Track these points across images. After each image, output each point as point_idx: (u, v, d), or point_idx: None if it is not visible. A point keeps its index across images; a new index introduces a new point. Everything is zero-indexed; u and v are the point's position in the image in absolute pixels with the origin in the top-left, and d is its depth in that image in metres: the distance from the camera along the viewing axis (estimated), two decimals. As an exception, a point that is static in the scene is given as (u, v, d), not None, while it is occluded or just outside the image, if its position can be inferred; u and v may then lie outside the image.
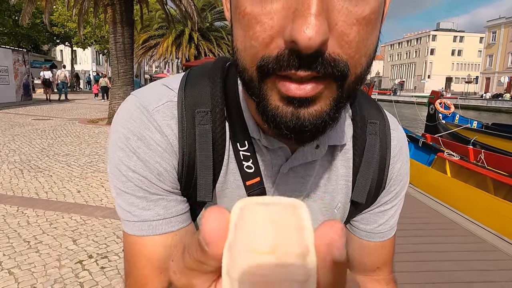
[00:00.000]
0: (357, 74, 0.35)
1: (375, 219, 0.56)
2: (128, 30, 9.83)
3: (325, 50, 0.31)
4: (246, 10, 0.33)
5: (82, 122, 9.83)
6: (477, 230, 3.21)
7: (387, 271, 0.60)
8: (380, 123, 0.52)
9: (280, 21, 0.31)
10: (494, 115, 29.06)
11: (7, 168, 4.79)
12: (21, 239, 2.73)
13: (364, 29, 0.32)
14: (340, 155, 0.51)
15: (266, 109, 0.35)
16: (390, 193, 0.56)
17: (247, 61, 0.35)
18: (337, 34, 0.32)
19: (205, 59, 18.57)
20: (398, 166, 0.55)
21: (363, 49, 0.34)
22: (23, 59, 14.57)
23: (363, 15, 0.32)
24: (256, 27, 0.32)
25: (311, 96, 0.33)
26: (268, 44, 0.32)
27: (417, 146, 7.90)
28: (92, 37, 22.94)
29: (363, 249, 0.58)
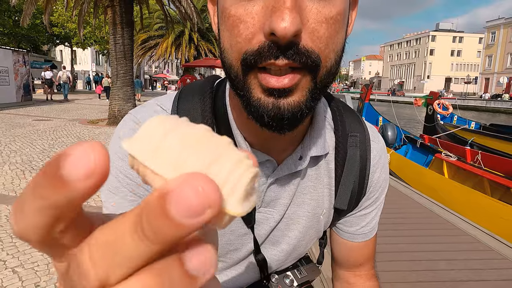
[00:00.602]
0: (328, 68, 0.40)
1: (357, 222, 0.62)
2: (128, 31, 9.89)
3: (299, 41, 0.37)
4: (230, 13, 0.39)
5: (82, 123, 9.89)
6: (471, 230, 3.27)
7: (369, 267, 0.66)
8: (360, 136, 0.57)
9: (260, 19, 0.37)
10: (493, 115, 29.14)
11: (9, 169, 4.85)
12: (24, 238, 2.79)
13: (332, 27, 0.38)
14: (324, 165, 0.56)
15: (250, 101, 0.40)
16: (370, 198, 0.61)
17: (233, 57, 0.40)
18: (309, 30, 0.37)
19: (205, 59, 18.62)
20: (377, 175, 0.60)
21: (331, 45, 0.39)
22: (23, 59, 14.62)
23: (330, 15, 0.38)
24: (240, 26, 0.38)
25: (289, 87, 0.38)
26: (251, 39, 0.38)
27: (415, 147, 7.97)
28: (91, 37, 22.98)
29: (347, 249, 0.64)
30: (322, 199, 0.58)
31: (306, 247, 0.62)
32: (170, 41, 20.93)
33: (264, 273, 0.60)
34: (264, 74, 0.38)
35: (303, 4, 0.37)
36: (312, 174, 0.57)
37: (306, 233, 0.59)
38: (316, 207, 0.58)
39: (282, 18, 0.34)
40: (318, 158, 0.55)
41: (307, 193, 0.57)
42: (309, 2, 0.37)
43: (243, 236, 0.56)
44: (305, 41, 0.37)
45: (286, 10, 0.34)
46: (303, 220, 0.58)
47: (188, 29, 20.11)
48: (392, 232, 3.21)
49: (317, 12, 0.37)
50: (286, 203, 0.56)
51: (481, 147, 7.65)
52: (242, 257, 0.59)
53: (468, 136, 9.14)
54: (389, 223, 3.42)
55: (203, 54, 21.31)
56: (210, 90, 0.53)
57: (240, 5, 0.38)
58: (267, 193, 0.55)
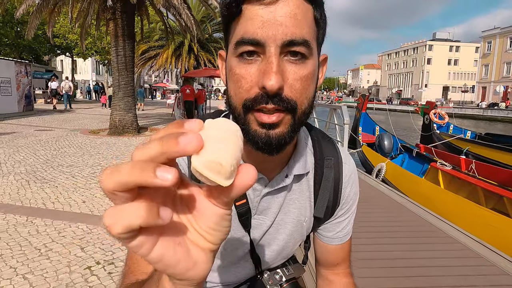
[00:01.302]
0: (303, 110, 0.55)
1: (334, 228, 0.77)
2: (129, 43, 10.08)
3: (282, 92, 0.51)
4: (235, 71, 0.53)
5: (84, 133, 10.02)
6: (461, 238, 3.39)
7: (345, 266, 0.81)
8: (334, 159, 0.72)
9: (255, 78, 0.51)
10: (491, 124, 29.38)
11: (14, 179, 4.97)
12: (32, 247, 2.90)
13: (305, 82, 0.53)
14: (305, 182, 0.71)
15: (249, 132, 0.54)
16: (343, 208, 0.76)
17: (237, 102, 0.54)
18: (289, 85, 0.52)
19: (204, 69, 18.84)
20: (349, 189, 0.75)
21: (305, 94, 0.54)
22: (25, 70, 14.82)
23: (303, 74, 0.53)
24: (242, 81, 0.53)
25: (276, 122, 0.53)
26: (249, 91, 0.52)
27: (411, 156, 8.10)
28: (93, 48, 23.27)
29: (326, 250, 0.79)
30: (304, 209, 0.71)
31: (292, 248, 0.76)
32: (170, 52, 21.17)
33: (258, 269, 0.73)
34: (259, 113, 0.52)
35: (284, 67, 0.51)
36: (296, 189, 0.70)
37: (292, 236, 0.73)
38: (299, 215, 0.71)
39: (269, 79, 0.49)
40: (300, 176, 0.69)
41: (292, 204, 0.71)
42: (289, 66, 0.52)
43: (241, 238, 0.69)
44: (286, 92, 0.52)
45: (272, 73, 0.49)
46: (289, 225, 0.72)
47: (188, 39, 20.36)
48: (388, 240, 3.33)
49: (294, 73, 0.52)
50: (276, 211, 0.69)
51: (476, 156, 7.80)
52: (240, 256, 0.71)
53: (464, 145, 9.29)
54: (385, 231, 3.55)
55: (202, 64, 21.52)
56: None
57: (242, 66, 0.52)
58: (261, 204, 0.68)
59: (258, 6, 0.50)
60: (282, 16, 0.50)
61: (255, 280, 0.74)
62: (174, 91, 39.29)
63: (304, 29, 0.51)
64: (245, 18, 0.51)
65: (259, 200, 0.67)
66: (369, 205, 4.48)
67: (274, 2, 0.50)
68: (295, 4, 0.51)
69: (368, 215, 4.06)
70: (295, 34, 0.50)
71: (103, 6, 9.57)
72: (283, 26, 0.50)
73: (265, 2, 0.50)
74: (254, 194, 0.68)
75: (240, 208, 0.67)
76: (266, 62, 0.50)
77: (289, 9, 0.50)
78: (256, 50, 0.51)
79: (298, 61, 0.52)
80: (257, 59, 0.52)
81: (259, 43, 0.50)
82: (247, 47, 0.51)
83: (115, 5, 9.22)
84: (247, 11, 0.51)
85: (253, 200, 0.68)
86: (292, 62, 0.52)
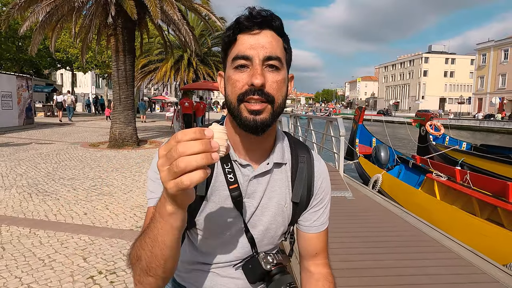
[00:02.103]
0: (279, 103, 0.76)
1: (310, 218, 0.93)
2: (130, 58, 10.28)
3: (264, 89, 0.73)
4: (233, 77, 0.75)
5: (84, 146, 10.12)
6: (454, 247, 3.48)
7: (323, 256, 0.95)
8: (306, 157, 0.92)
9: (246, 80, 0.73)
10: (488, 135, 29.62)
11: (16, 192, 5.06)
12: (36, 257, 2.99)
13: (279, 84, 0.76)
14: (284, 172, 0.89)
15: (241, 118, 0.74)
16: (317, 199, 0.92)
17: (232, 98, 0.75)
18: (268, 85, 0.73)
19: (203, 82, 19.08)
20: (320, 182, 0.92)
21: (279, 93, 0.76)
22: (26, 84, 15.02)
23: (278, 79, 0.75)
24: (236, 83, 0.74)
25: (260, 109, 0.73)
26: (241, 88, 0.73)
27: (407, 167, 8.21)
28: (93, 62, 23.56)
29: (305, 240, 0.94)
30: (284, 195, 0.88)
31: (276, 231, 0.90)
32: (169, 66, 21.44)
33: (254, 249, 0.88)
34: (248, 103, 0.73)
35: (265, 74, 0.74)
36: (277, 178, 0.87)
37: (274, 218, 0.88)
38: (280, 199, 0.87)
39: (256, 78, 0.71)
40: (279, 164, 0.87)
41: (274, 190, 0.87)
42: (268, 73, 0.74)
43: (234, 218, 0.84)
44: (267, 89, 0.74)
45: (258, 75, 0.72)
46: (272, 209, 0.87)
47: (187, 54, 20.69)
48: (382, 250, 3.41)
49: (272, 77, 0.75)
50: (260, 195, 0.85)
51: (471, 167, 7.92)
52: (234, 234, 0.86)
53: (459, 156, 9.42)
54: (379, 241, 3.64)
55: (201, 77, 21.78)
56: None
57: (237, 74, 0.75)
58: (249, 187, 0.84)
59: (248, 35, 0.75)
60: (263, 41, 0.74)
61: (253, 257, 0.88)
62: (173, 104, 39.58)
63: (277, 50, 0.76)
64: (239, 43, 0.75)
65: (247, 184, 0.84)
66: (364, 216, 4.57)
67: (258, 33, 0.75)
68: (271, 36, 0.76)
69: (364, 225, 4.16)
70: (272, 53, 0.74)
71: (104, 22, 9.80)
72: (264, 47, 0.74)
73: (252, 33, 0.75)
74: (243, 179, 0.83)
75: (233, 191, 0.82)
76: (253, 69, 0.73)
77: (267, 38, 0.75)
78: (246, 63, 0.74)
79: (274, 70, 0.75)
80: (247, 69, 0.74)
81: (248, 58, 0.73)
82: (241, 61, 0.74)
83: (116, 21, 9.45)
84: (240, 39, 0.75)
85: (243, 185, 0.84)
86: (270, 71, 0.75)
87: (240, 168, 0.83)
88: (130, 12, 8.64)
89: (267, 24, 0.75)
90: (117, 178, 6.19)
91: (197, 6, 11.25)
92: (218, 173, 0.83)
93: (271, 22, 0.76)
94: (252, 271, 0.87)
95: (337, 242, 3.52)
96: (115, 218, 4.12)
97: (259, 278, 0.87)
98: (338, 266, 2.94)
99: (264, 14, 0.75)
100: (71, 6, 9.19)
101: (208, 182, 0.82)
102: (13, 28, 18.24)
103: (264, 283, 0.89)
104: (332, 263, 0.98)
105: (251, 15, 0.74)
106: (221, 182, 0.82)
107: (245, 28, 0.74)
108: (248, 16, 0.74)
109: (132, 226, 3.89)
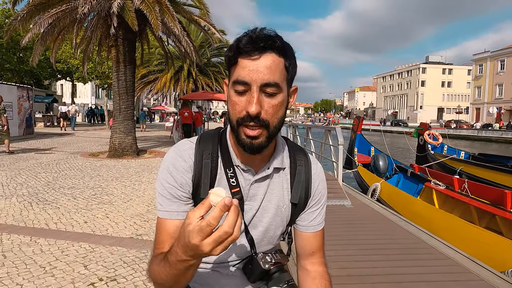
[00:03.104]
0: (274, 127, 0.79)
1: (307, 218, 0.97)
2: (130, 69, 10.39)
3: (260, 115, 0.76)
4: (232, 99, 0.78)
5: (84, 156, 10.16)
6: (452, 254, 3.50)
7: (320, 255, 1.00)
8: (304, 160, 0.97)
9: (244, 104, 0.76)
10: (486, 144, 29.75)
11: (17, 201, 5.08)
12: (37, 265, 3.00)
13: (276, 109, 0.78)
14: (283, 175, 0.94)
15: (239, 140, 0.79)
16: (314, 200, 0.97)
17: (233, 119, 0.79)
18: (264, 110, 0.76)
19: (202, 92, 19.21)
20: (317, 184, 0.97)
21: (275, 117, 0.79)
22: (27, 95, 15.12)
23: (275, 103, 0.78)
24: (236, 106, 0.78)
25: (257, 135, 0.77)
26: (240, 112, 0.77)
27: (406, 176, 8.24)
28: (93, 72, 23.74)
29: (302, 238, 0.98)
30: (283, 197, 0.93)
31: (275, 232, 0.94)
32: (169, 76, 21.64)
33: (253, 250, 0.92)
34: (245, 128, 0.77)
35: (262, 99, 0.77)
36: (276, 181, 0.92)
37: (274, 220, 0.93)
38: (279, 201, 0.92)
39: (252, 107, 0.75)
40: (279, 169, 0.92)
41: (274, 193, 0.92)
42: (265, 98, 0.77)
43: None
44: (263, 115, 0.77)
45: (253, 103, 0.75)
46: (272, 210, 0.92)
47: (187, 64, 20.88)
48: (380, 257, 3.44)
49: (268, 102, 0.77)
50: (261, 198, 0.90)
51: (469, 176, 7.95)
52: None
53: (457, 165, 9.47)
54: (377, 248, 3.66)
55: (200, 87, 21.95)
56: (218, 133, 0.93)
57: (237, 97, 0.78)
58: (250, 191, 0.89)
59: (247, 60, 0.76)
60: (262, 67, 0.76)
61: (251, 257, 0.92)
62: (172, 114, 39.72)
63: (276, 75, 0.77)
64: (239, 66, 0.78)
65: (248, 187, 0.89)
66: (363, 224, 4.60)
67: (258, 58, 0.76)
68: (270, 59, 0.76)
69: (363, 233, 4.18)
70: (270, 79, 0.76)
71: (105, 34, 9.94)
72: (262, 73, 0.75)
73: (252, 58, 0.76)
74: (245, 183, 0.89)
75: (235, 194, 0.87)
76: (250, 96, 0.76)
77: (266, 62, 0.76)
78: (245, 89, 0.77)
79: (271, 96, 0.78)
80: (246, 93, 0.77)
81: (246, 83, 0.76)
82: (240, 87, 0.77)
83: (117, 33, 9.58)
84: (240, 62, 0.78)
85: (245, 188, 0.89)
86: (267, 96, 0.78)
87: (242, 172, 0.88)
88: (131, 23, 8.78)
89: (267, 47, 0.76)
90: (117, 187, 6.21)
91: (197, 18, 11.42)
92: (221, 177, 0.88)
93: (272, 44, 0.76)
94: (251, 271, 0.91)
95: (336, 249, 3.55)
96: (115, 226, 4.14)
97: (259, 277, 0.92)
98: (337, 273, 2.96)
99: (264, 36, 0.76)
100: (73, 18, 9.33)
101: (212, 186, 0.86)
102: (14, 39, 18.42)
103: (264, 282, 0.93)
104: (331, 270, 1.02)
105: (251, 39, 0.76)
106: (223, 186, 0.87)
107: (245, 53, 0.76)
108: (248, 40, 0.76)
109: (132, 234, 3.91)
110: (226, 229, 0.57)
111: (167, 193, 0.85)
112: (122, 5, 8.71)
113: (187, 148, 0.89)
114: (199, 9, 11.74)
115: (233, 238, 0.58)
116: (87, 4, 8.48)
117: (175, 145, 0.92)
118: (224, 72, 22.60)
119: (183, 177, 0.85)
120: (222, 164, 0.88)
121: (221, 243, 0.58)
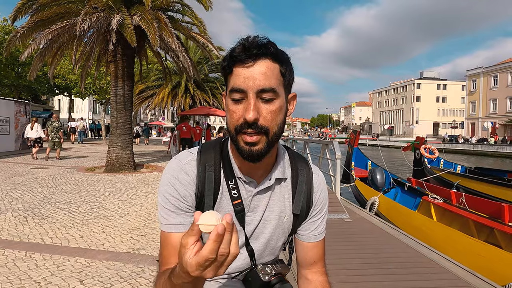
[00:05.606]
0: (274, 132, 0.78)
1: (309, 227, 0.97)
2: (128, 84, 10.46)
3: (258, 122, 0.75)
4: (230, 108, 0.78)
5: (80, 171, 10.09)
6: (452, 268, 3.48)
7: (321, 265, 0.99)
8: (306, 170, 0.96)
9: (241, 112, 0.76)
10: (482, 158, 29.92)
11: (12, 215, 5.01)
12: (32, 280, 2.95)
13: (274, 114, 0.77)
14: (285, 186, 0.93)
15: (238, 147, 0.78)
16: (316, 210, 0.97)
17: (231, 127, 0.79)
18: (262, 117, 0.76)
19: (200, 108, 19.33)
20: (319, 194, 0.97)
21: (274, 123, 0.78)
22: (24, 110, 15.13)
23: (272, 109, 0.77)
24: (233, 114, 0.77)
25: (255, 142, 0.76)
26: (238, 120, 0.76)
27: (403, 190, 8.24)
28: (91, 88, 23.84)
29: (304, 248, 0.98)
30: (284, 208, 0.92)
31: (276, 242, 0.94)
32: (167, 91, 21.76)
33: (253, 261, 0.91)
34: (244, 135, 0.77)
35: (259, 105, 0.76)
36: (278, 192, 0.92)
37: (275, 230, 0.92)
38: (281, 212, 0.92)
39: (249, 114, 0.74)
40: (280, 180, 0.91)
41: (275, 204, 0.91)
42: (262, 104, 0.77)
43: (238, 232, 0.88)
44: (261, 122, 0.76)
45: (250, 110, 0.74)
46: (274, 221, 0.92)
47: (184, 80, 21.05)
48: (379, 271, 3.41)
49: (266, 108, 0.77)
50: (263, 209, 0.90)
51: (466, 190, 7.97)
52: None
53: (454, 179, 9.50)
54: (376, 262, 3.63)
55: (198, 103, 22.06)
56: (219, 143, 0.93)
57: (234, 105, 0.78)
58: (252, 202, 0.88)
59: (242, 68, 0.77)
60: (257, 73, 0.76)
61: (251, 270, 0.91)
62: (169, 129, 39.82)
63: (272, 80, 0.77)
64: (234, 74, 0.78)
65: (250, 199, 0.89)
66: (362, 237, 4.58)
67: (252, 65, 0.76)
68: (265, 66, 0.77)
69: (362, 247, 4.15)
70: (265, 85, 0.76)
71: (104, 49, 10.05)
72: (257, 80, 0.75)
73: (246, 66, 0.76)
74: (247, 194, 0.88)
75: (236, 206, 0.87)
76: (247, 103, 0.76)
77: (261, 69, 0.76)
78: (241, 96, 0.77)
79: (268, 101, 0.77)
80: (242, 101, 0.77)
81: (242, 91, 0.76)
82: (236, 94, 0.77)
83: (116, 49, 9.69)
84: (235, 70, 0.78)
85: (246, 200, 0.88)
86: (264, 102, 0.77)
87: (244, 184, 0.88)
88: (130, 40, 8.89)
89: (261, 54, 0.76)
90: (113, 202, 6.16)
91: (195, 35, 11.59)
92: (223, 189, 0.87)
93: (265, 51, 0.76)
94: (251, 283, 0.91)
95: (336, 263, 3.52)
96: (112, 241, 4.09)
97: None
98: None
99: (257, 44, 0.76)
100: (72, 34, 9.44)
101: (215, 198, 0.87)
102: (13, 55, 18.55)
103: None
104: (332, 284, 1.01)
105: (244, 47, 0.76)
106: (225, 197, 0.87)
107: (239, 61, 0.76)
108: (242, 49, 0.76)
109: (129, 248, 3.86)
110: (223, 251, 0.55)
111: (171, 205, 0.84)
112: (121, 22, 8.84)
113: (189, 160, 0.87)
114: (195, 25, 11.92)
115: (233, 257, 0.57)
116: (86, 21, 8.60)
117: (176, 156, 0.91)
118: (221, 87, 22.82)
119: (186, 190, 0.84)
120: (224, 176, 0.87)
121: (222, 265, 0.57)
